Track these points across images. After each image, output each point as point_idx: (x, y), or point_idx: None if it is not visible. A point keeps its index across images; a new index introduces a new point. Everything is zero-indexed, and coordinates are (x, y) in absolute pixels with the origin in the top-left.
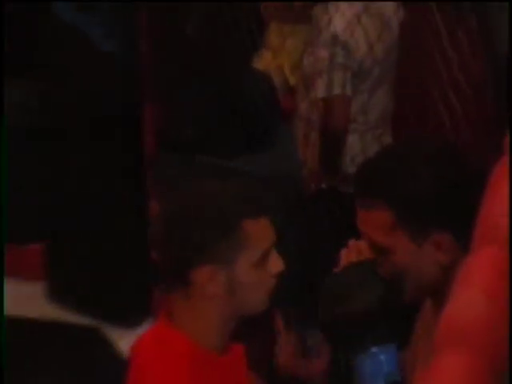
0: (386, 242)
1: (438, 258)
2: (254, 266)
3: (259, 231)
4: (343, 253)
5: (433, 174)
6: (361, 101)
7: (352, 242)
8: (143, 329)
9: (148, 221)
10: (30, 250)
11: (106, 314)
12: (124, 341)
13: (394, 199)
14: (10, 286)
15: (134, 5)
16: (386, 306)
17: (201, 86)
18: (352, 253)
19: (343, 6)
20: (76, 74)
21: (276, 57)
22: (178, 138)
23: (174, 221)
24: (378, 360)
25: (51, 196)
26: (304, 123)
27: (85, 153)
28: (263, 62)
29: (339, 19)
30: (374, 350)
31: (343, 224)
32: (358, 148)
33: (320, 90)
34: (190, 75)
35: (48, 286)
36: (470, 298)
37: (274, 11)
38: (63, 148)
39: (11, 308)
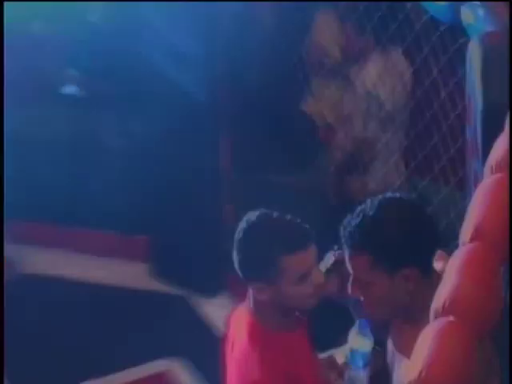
0: (367, 277)
1: (408, 287)
2: (295, 283)
3: (296, 262)
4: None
5: (403, 229)
6: (385, 136)
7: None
8: (218, 299)
9: (222, 220)
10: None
11: (192, 288)
12: (203, 307)
13: (374, 248)
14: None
15: (217, 57)
16: None
17: (262, 123)
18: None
19: (372, 67)
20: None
21: (317, 102)
22: (246, 162)
23: (238, 247)
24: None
25: (154, 200)
26: (339, 151)
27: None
28: (308, 106)
29: (370, 77)
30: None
31: None
32: (380, 172)
33: (357, 130)
34: (254, 114)
35: (151, 267)
36: (458, 282)
37: (316, 69)
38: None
39: (121, 282)
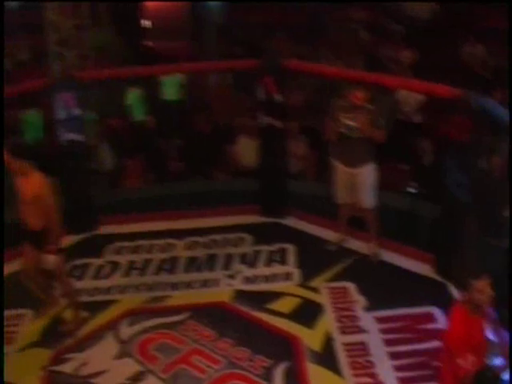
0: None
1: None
2: (479, 294)
3: (479, 285)
4: None
5: None
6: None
7: None
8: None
9: None
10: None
11: (449, 279)
12: (452, 288)
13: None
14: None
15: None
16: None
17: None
18: None
19: None
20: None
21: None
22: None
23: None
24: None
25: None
26: None
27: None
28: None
29: None
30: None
31: None
32: None
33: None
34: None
35: (434, 267)
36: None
37: None
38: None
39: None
